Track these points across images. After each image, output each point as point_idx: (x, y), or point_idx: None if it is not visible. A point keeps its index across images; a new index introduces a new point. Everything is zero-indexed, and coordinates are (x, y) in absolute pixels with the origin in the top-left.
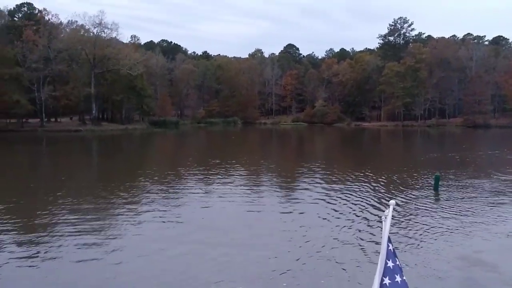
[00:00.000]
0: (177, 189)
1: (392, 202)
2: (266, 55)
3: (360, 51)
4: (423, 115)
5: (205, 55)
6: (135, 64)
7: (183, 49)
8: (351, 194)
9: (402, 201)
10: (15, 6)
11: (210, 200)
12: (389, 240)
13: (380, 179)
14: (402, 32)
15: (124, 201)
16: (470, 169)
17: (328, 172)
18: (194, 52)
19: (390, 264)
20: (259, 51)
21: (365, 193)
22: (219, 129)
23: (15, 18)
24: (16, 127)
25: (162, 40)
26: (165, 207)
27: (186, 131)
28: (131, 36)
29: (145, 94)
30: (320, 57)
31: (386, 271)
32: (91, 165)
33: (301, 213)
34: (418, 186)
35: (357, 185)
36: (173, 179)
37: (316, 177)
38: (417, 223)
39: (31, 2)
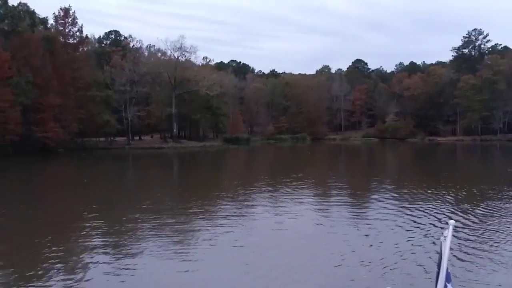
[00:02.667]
0: (263, 202)
1: (452, 222)
2: (333, 70)
3: (432, 64)
4: (503, 129)
5: (273, 73)
6: (212, 84)
7: (251, 68)
8: (429, 207)
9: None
10: (103, 34)
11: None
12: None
13: (460, 193)
14: (477, 44)
15: (201, 215)
16: None
17: (407, 187)
18: (260, 70)
19: (449, 287)
20: (326, 67)
21: (444, 205)
22: (289, 145)
23: (104, 45)
24: (106, 145)
25: (231, 60)
26: (241, 221)
27: (257, 147)
28: (203, 57)
29: (220, 113)
30: (389, 71)
31: None
32: (180, 178)
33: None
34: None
35: (434, 198)
36: (256, 192)
37: (393, 192)
38: None
39: (118, 29)
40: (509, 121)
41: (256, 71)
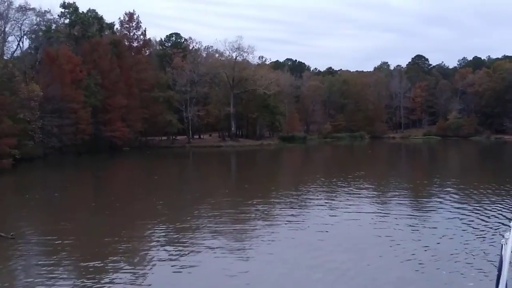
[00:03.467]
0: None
1: None
2: (392, 67)
3: (498, 59)
4: None
5: (330, 70)
6: (269, 83)
7: (307, 66)
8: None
9: None
10: (165, 37)
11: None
12: None
13: None
14: None
15: (262, 214)
16: None
17: (473, 187)
18: (316, 68)
19: None
20: (385, 63)
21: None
22: (346, 144)
23: (165, 47)
24: (167, 144)
25: (287, 59)
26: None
27: (314, 145)
28: (259, 57)
29: (277, 111)
30: (451, 67)
31: None
32: (240, 176)
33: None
34: None
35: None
36: (317, 190)
37: (458, 192)
38: None
39: (178, 32)
40: None
41: (311, 69)
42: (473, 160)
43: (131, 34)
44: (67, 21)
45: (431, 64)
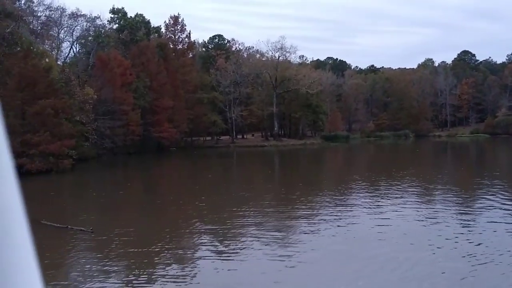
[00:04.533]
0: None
1: None
2: (436, 63)
3: None
4: None
5: (372, 68)
6: (312, 83)
7: (348, 64)
8: None
9: None
10: (208, 39)
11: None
12: None
13: None
14: None
15: (304, 214)
16: None
17: None
18: (356, 66)
19: None
20: (429, 60)
21: None
22: (390, 143)
23: (209, 49)
24: (212, 144)
25: (327, 57)
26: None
27: (357, 144)
28: (300, 56)
29: (320, 111)
30: (499, 62)
31: None
32: (287, 175)
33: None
34: None
35: None
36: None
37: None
38: None
39: (221, 34)
40: None
41: (353, 67)
42: None
43: (176, 37)
44: (116, 26)
45: (478, 60)
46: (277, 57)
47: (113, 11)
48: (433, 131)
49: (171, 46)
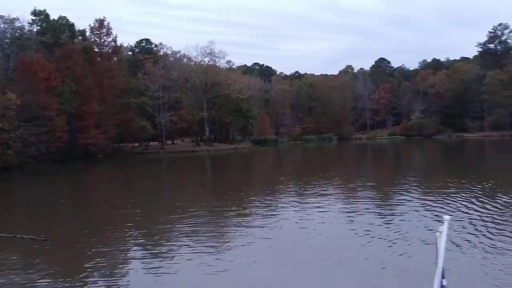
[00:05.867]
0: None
1: (447, 217)
2: (356, 70)
3: (456, 60)
4: None
5: (297, 74)
6: (243, 87)
7: (274, 70)
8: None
9: None
10: (135, 43)
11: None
12: None
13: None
14: (503, 39)
15: (237, 216)
16: None
17: (435, 184)
18: (282, 72)
19: (444, 282)
20: (349, 67)
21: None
22: (316, 146)
23: (136, 53)
24: (141, 150)
25: (254, 63)
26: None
27: (285, 148)
28: (227, 61)
29: (250, 115)
30: (412, 69)
31: None
32: (221, 179)
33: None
34: None
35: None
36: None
37: (420, 189)
38: None
39: (149, 38)
40: None
41: (278, 72)
42: (436, 157)
43: (102, 40)
44: (37, 28)
45: (393, 66)
46: (207, 62)
47: (34, 13)
48: (354, 134)
49: (97, 50)
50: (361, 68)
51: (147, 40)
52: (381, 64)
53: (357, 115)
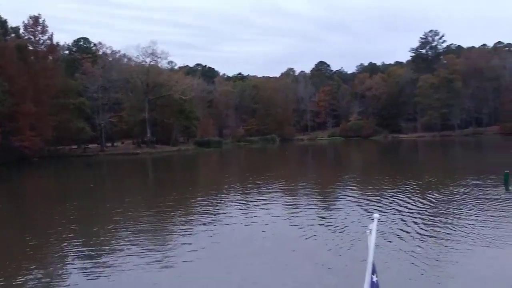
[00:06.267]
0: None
1: (376, 215)
2: (297, 72)
3: (391, 65)
4: (460, 125)
5: (240, 76)
6: (185, 89)
7: (217, 71)
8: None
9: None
10: (72, 41)
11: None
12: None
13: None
14: (433, 44)
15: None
16: None
17: (372, 182)
18: (224, 74)
19: (374, 279)
20: (291, 69)
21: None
22: (259, 147)
23: (73, 52)
24: (79, 153)
25: (197, 64)
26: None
27: (229, 149)
28: (168, 62)
29: (193, 116)
30: (350, 72)
31: (372, 287)
32: (166, 182)
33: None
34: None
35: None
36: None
37: (358, 186)
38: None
39: (87, 36)
40: (466, 117)
41: (220, 74)
42: (373, 157)
43: (37, 38)
44: None
45: (332, 70)
46: (148, 63)
47: None
48: (296, 135)
49: (31, 48)
50: (302, 71)
51: (85, 39)
52: (321, 67)
53: (298, 116)
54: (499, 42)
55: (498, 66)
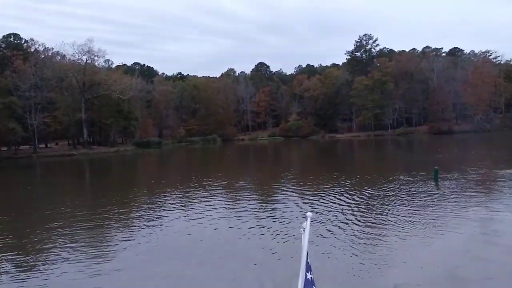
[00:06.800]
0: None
1: (309, 214)
2: (237, 73)
3: (327, 67)
4: (392, 125)
5: (180, 76)
6: (124, 88)
7: (156, 71)
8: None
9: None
10: (1, 38)
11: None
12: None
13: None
14: (367, 48)
15: (120, 221)
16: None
17: (310, 180)
18: (163, 73)
19: (309, 276)
20: (231, 70)
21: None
22: (200, 147)
23: (2, 49)
24: (10, 155)
25: (134, 63)
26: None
27: (170, 150)
28: (105, 60)
29: (132, 117)
30: (288, 73)
31: (306, 284)
32: (104, 184)
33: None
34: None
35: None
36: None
37: (297, 184)
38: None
39: (18, 33)
40: (398, 117)
41: (160, 73)
42: (311, 156)
43: None
44: None
45: (272, 71)
46: (84, 61)
47: None
48: (237, 135)
49: None
50: (242, 72)
51: (16, 35)
52: (261, 68)
53: (239, 117)
54: (427, 47)
55: (426, 69)
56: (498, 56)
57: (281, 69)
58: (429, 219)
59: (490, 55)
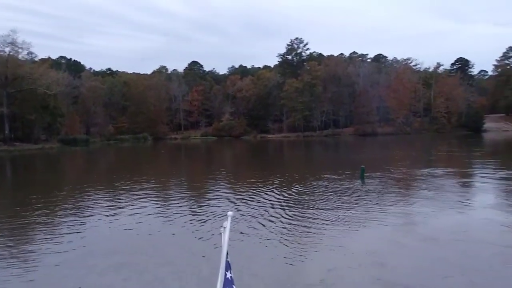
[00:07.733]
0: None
1: (230, 213)
2: (169, 71)
3: (260, 68)
4: (320, 126)
5: (109, 71)
6: (51, 83)
7: (83, 66)
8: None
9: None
10: None
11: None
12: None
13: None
14: (298, 51)
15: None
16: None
17: (241, 179)
18: (90, 68)
19: (228, 275)
20: (163, 67)
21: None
22: (130, 146)
23: None
24: None
25: (60, 56)
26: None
27: (98, 148)
28: (28, 53)
29: (58, 113)
30: (222, 73)
31: (226, 283)
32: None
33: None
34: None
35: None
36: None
37: (229, 183)
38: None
39: None
40: (326, 119)
41: (87, 68)
42: (242, 156)
43: None
44: None
45: (205, 70)
46: (7, 53)
47: None
48: (169, 134)
49: None
50: (175, 70)
51: None
52: (194, 67)
53: (171, 115)
54: (354, 52)
55: (353, 74)
56: (418, 64)
57: (214, 68)
58: (355, 212)
59: (411, 63)
